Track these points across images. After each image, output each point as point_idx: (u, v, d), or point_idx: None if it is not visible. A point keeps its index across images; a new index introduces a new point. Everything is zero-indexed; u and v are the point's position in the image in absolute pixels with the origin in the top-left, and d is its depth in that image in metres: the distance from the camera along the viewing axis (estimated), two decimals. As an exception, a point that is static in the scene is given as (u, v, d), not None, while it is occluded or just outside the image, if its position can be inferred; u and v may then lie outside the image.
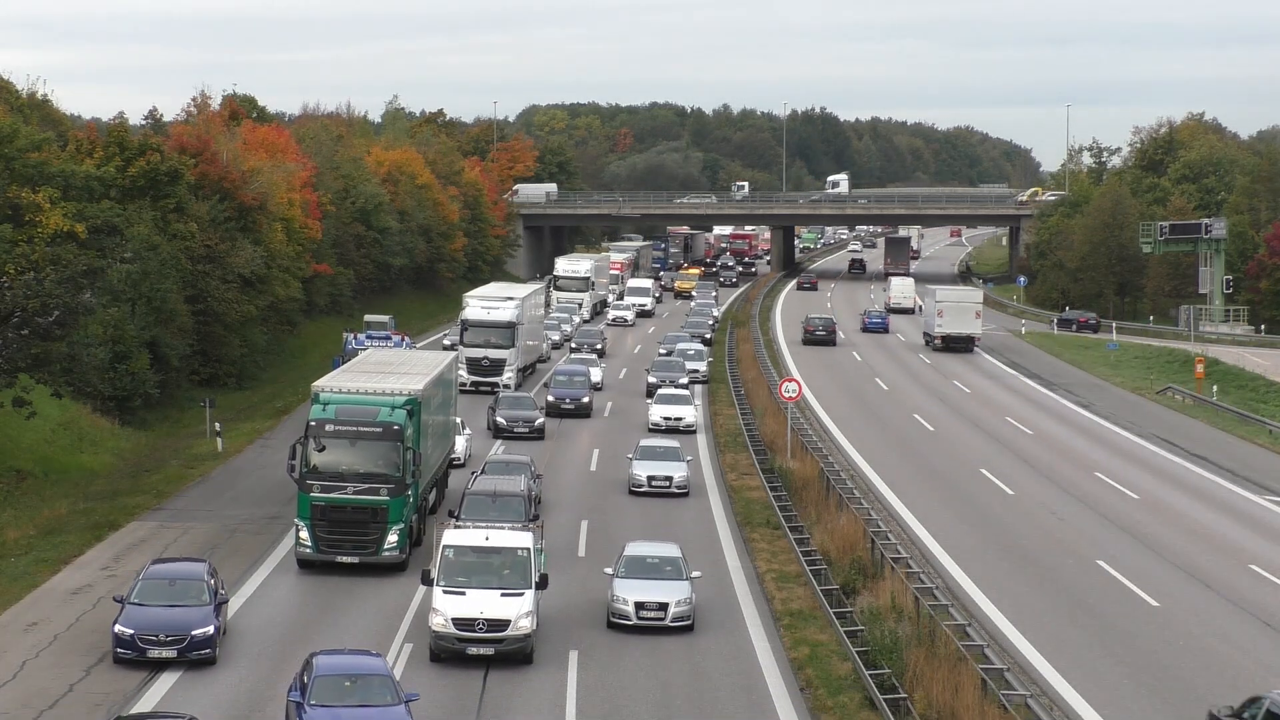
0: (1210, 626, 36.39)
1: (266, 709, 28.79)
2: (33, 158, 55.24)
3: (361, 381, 40.99)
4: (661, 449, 50.80)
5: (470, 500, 38.69)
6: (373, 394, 39.58)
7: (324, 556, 37.91)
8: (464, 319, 71.43)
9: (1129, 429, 66.79)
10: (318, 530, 37.76)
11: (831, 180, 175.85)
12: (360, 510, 37.75)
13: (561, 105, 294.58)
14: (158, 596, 31.51)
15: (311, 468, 37.98)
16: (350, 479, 37.87)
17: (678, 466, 49.37)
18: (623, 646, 33.14)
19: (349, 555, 37.84)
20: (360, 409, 38.53)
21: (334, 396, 39.23)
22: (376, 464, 37.97)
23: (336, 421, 38.18)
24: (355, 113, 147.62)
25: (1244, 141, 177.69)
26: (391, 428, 38.10)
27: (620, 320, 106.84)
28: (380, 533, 37.83)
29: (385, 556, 37.90)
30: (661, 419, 60.81)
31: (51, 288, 47.89)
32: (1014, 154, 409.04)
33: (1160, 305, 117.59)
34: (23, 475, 49.73)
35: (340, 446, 38.09)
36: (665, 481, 48.68)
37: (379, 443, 38.01)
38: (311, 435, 38.13)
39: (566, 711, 29.18)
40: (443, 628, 31.31)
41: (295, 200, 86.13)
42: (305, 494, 37.87)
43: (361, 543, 37.83)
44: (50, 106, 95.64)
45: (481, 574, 32.22)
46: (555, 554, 40.96)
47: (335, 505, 37.72)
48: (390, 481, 37.95)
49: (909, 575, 36.42)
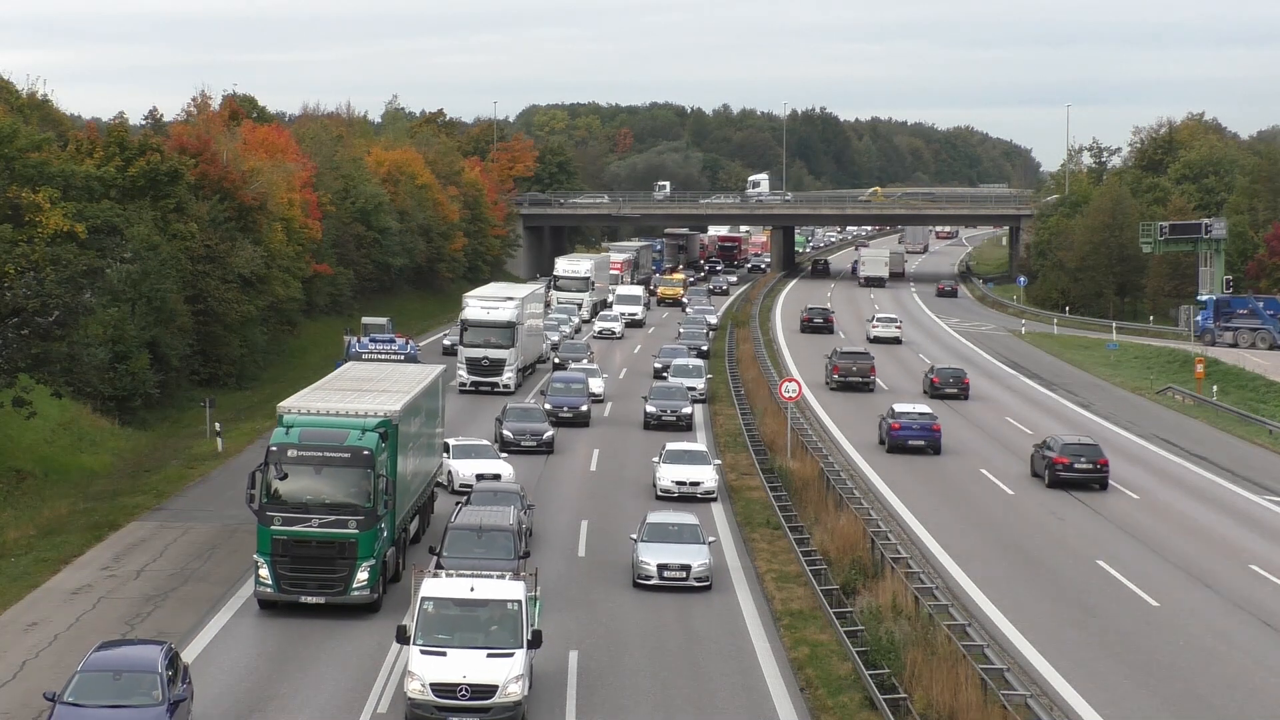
0: (1210, 626, 36.39)
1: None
2: (33, 158, 55.27)
3: (332, 401, 37.33)
4: (675, 528, 38.95)
5: (454, 535, 35.63)
6: (342, 415, 36.03)
7: (286, 596, 34.30)
8: (463, 319, 71.51)
9: (1129, 429, 66.80)
10: (279, 567, 34.16)
11: (752, 180, 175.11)
12: (326, 545, 34.14)
13: (561, 105, 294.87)
14: (98, 694, 25.49)
15: (272, 498, 34.41)
16: (315, 510, 34.24)
17: (697, 552, 38.14)
18: (623, 646, 33.14)
19: (314, 595, 34.23)
20: (327, 432, 35.00)
21: (299, 418, 35.81)
22: (344, 493, 34.37)
23: (300, 446, 34.61)
24: (355, 113, 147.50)
25: (1244, 141, 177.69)
26: (361, 453, 34.45)
27: (607, 333, 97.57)
28: (348, 570, 34.18)
29: (354, 596, 34.28)
30: (673, 484, 47.97)
31: (51, 288, 47.92)
32: (1014, 154, 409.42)
33: (1160, 305, 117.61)
34: (23, 475, 49.72)
35: (304, 474, 34.48)
36: (681, 572, 37.52)
37: (347, 470, 34.43)
38: (272, 461, 34.51)
39: (566, 711, 29.16)
40: (420, 694, 27.35)
41: (295, 200, 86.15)
42: (265, 527, 34.24)
43: (328, 581, 34.21)
44: (50, 106, 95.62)
45: (465, 631, 28.36)
46: (556, 554, 41.04)
47: (298, 539, 34.11)
48: (360, 513, 34.27)
49: (909, 575, 36.43)
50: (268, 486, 34.44)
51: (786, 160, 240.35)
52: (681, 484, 46.06)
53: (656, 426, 60.70)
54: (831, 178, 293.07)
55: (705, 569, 37.55)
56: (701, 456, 48.20)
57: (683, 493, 45.90)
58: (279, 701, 29.16)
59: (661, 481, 46.65)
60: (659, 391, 63.35)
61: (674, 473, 46.62)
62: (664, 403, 61.67)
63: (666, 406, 61.34)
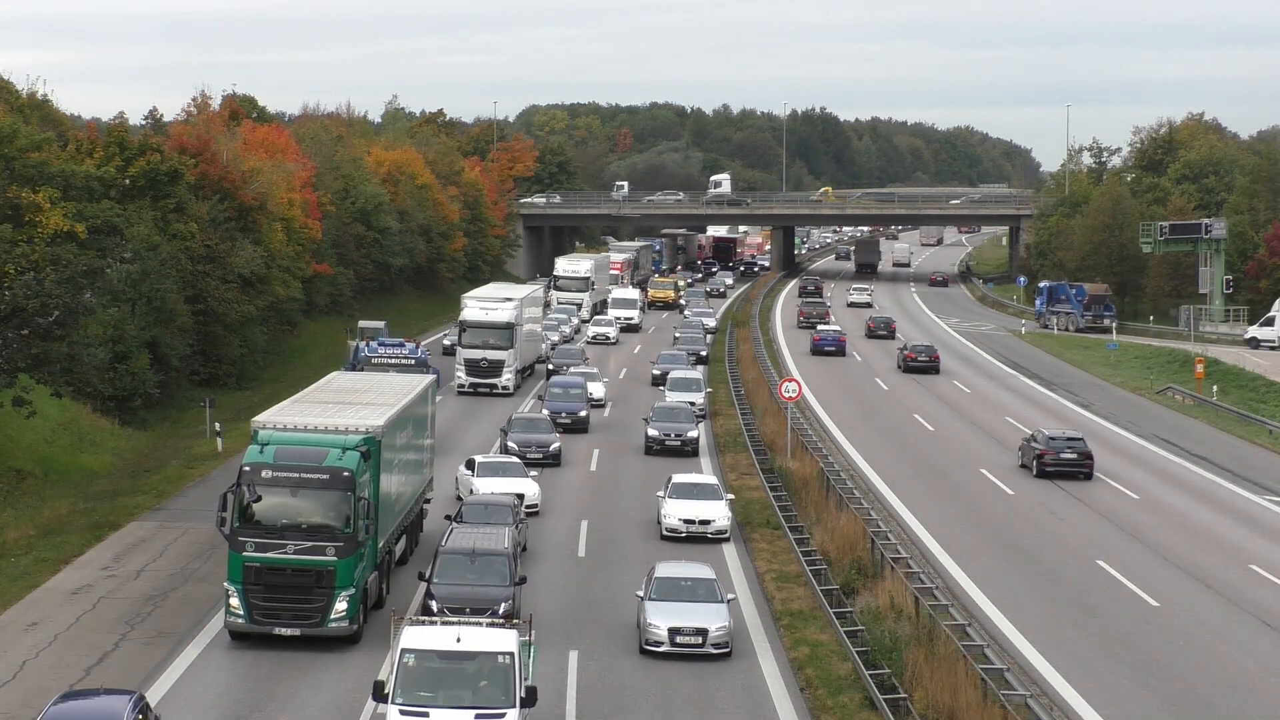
0: (1210, 626, 36.40)
1: None
2: (33, 158, 55.31)
3: (311, 416, 34.77)
4: (689, 583, 34.00)
5: (445, 561, 33.29)
6: (322, 431, 33.59)
7: (259, 628, 31.87)
8: (462, 320, 71.36)
9: (1129, 429, 66.79)
10: (251, 596, 31.73)
11: (714, 180, 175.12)
12: (302, 573, 31.73)
13: (561, 105, 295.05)
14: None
15: (245, 521, 32.09)
16: (291, 535, 31.86)
17: (714, 613, 33.04)
18: (623, 646, 33.13)
19: (288, 627, 31.77)
20: (304, 450, 32.50)
21: (275, 435, 33.33)
22: (322, 517, 32.00)
23: (275, 466, 32.16)
24: (355, 113, 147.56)
25: (1244, 141, 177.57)
26: (341, 474, 32.04)
27: (602, 338, 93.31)
28: (326, 600, 31.74)
29: (332, 628, 31.80)
30: (680, 522, 42.39)
31: (51, 288, 47.91)
32: (1014, 154, 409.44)
33: (1160, 305, 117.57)
34: (23, 475, 49.72)
35: (279, 496, 32.11)
36: (696, 637, 32.40)
37: (325, 492, 32.03)
38: (245, 482, 32.18)
39: (566, 711, 29.15)
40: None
41: (295, 200, 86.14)
42: (236, 553, 31.93)
43: (303, 612, 31.77)
44: (50, 106, 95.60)
45: (451, 688, 25.27)
46: (556, 553, 41.03)
47: (272, 567, 31.72)
48: (339, 538, 31.85)
49: (909, 575, 36.42)
50: (240, 509, 32.15)
51: (786, 160, 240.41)
52: (690, 522, 41.58)
53: (660, 451, 55.54)
54: (831, 178, 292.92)
55: (724, 633, 32.53)
56: (712, 491, 43.42)
57: (691, 532, 41.53)
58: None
59: (667, 520, 41.98)
60: (662, 413, 57.15)
61: (682, 509, 42.07)
62: (667, 425, 56.01)
63: (670, 430, 55.78)
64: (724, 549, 41.97)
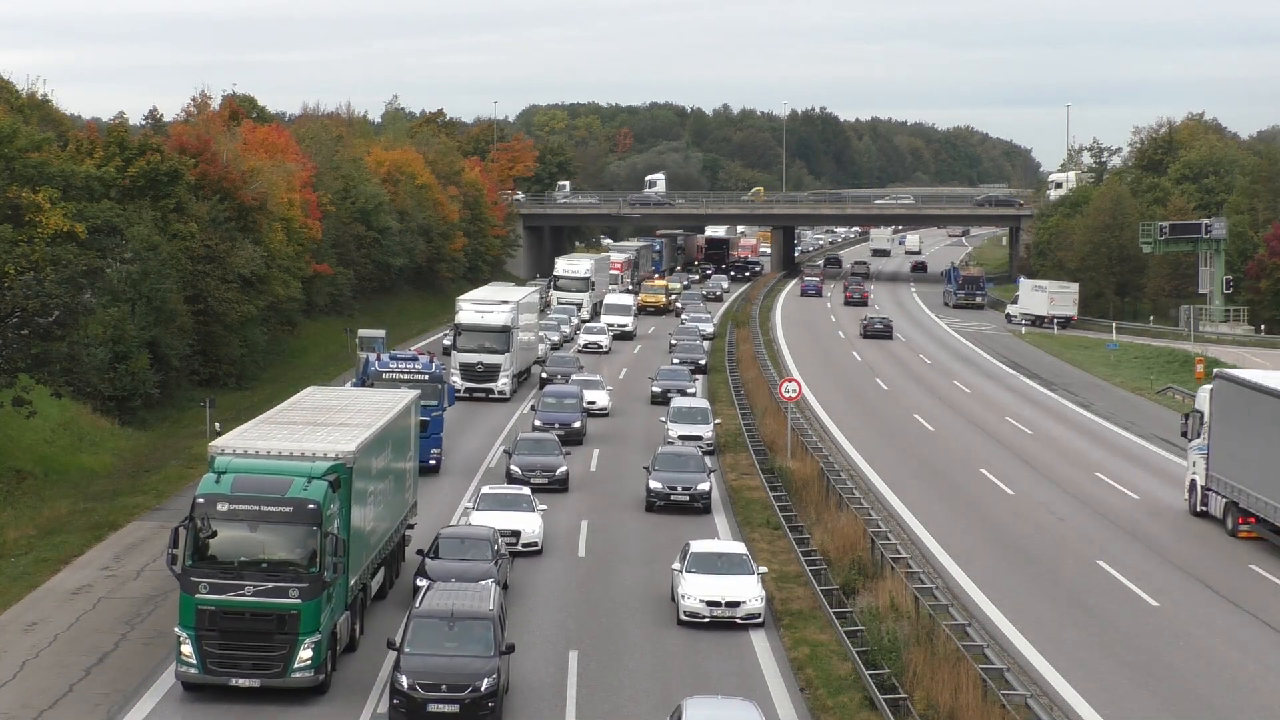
0: (1210, 626, 36.40)
1: None
2: (33, 158, 55.29)
3: (275, 440, 31.32)
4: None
5: (418, 626, 28.75)
6: (286, 458, 30.27)
7: (214, 679, 28.52)
8: (457, 323, 70.49)
9: (1129, 429, 66.79)
10: (206, 644, 28.37)
11: (649, 179, 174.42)
12: (262, 617, 28.41)
13: (561, 105, 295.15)
14: None
15: (199, 560, 28.69)
16: (250, 575, 28.53)
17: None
18: (623, 646, 33.12)
19: (247, 677, 28.47)
20: (265, 480, 29.15)
21: (233, 462, 29.84)
22: (285, 554, 28.72)
23: (231, 498, 28.78)
24: (355, 113, 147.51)
25: (1244, 141, 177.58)
26: (305, 506, 28.69)
27: (594, 346, 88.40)
28: (289, 647, 28.40)
29: (295, 679, 28.47)
30: (703, 604, 34.36)
31: (51, 288, 47.90)
32: (1014, 154, 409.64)
33: (1160, 305, 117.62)
34: (23, 475, 49.72)
35: (236, 531, 28.78)
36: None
37: (288, 526, 28.66)
38: (198, 516, 28.75)
39: (566, 711, 29.14)
40: None
41: (295, 200, 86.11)
42: (189, 595, 28.52)
43: (263, 661, 28.45)
44: (50, 106, 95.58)
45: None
46: (556, 554, 40.99)
47: (229, 610, 28.40)
48: (303, 578, 28.52)
49: (909, 575, 36.42)
50: (194, 545, 28.71)
51: (786, 160, 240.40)
52: (715, 604, 34.11)
53: (663, 508, 46.37)
54: (832, 178, 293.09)
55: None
56: (741, 563, 35.48)
57: (716, 617, 34.14)
58: None
59: (686, 601, 34.33)
60: (666, 460, 47.51)
61: (704, 588, 34.44)
62: (673, 475, 46.64)
63: (677, 482, 46.48)
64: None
